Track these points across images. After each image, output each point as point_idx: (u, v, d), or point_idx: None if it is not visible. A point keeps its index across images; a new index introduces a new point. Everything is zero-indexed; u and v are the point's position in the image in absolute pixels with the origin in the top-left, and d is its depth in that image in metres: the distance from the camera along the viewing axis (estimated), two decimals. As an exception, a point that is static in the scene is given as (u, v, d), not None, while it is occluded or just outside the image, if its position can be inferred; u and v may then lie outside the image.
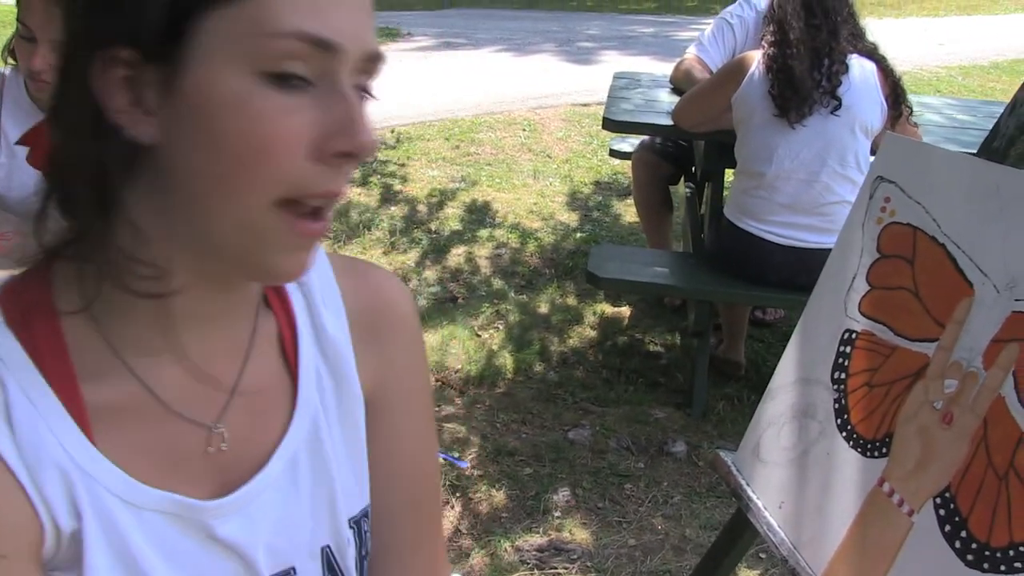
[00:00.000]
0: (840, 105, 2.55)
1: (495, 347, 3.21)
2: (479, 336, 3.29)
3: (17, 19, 1.74)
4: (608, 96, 3.30)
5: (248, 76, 0.57)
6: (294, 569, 0.72)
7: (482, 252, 3.92)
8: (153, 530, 0.65)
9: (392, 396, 0.79)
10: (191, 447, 0.68)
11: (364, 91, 0.64)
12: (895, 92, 2.63)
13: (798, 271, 2.62)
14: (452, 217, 4.22)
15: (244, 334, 0.71)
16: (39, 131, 0.66)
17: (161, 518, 0.65)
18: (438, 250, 3.90)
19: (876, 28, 2.85)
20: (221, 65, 0.57)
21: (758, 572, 2.26)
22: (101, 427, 0.63)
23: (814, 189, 2.60)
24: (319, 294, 0.76)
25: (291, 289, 0.75)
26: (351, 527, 0.76)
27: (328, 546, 0.74)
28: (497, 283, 3.66)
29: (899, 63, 2.81)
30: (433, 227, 4.11)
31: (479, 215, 4.28)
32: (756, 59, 2.63)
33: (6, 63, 1.88)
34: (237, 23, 0.57)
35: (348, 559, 0.76)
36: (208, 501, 0.67)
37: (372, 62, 0.62)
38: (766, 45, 2.62)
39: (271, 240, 0.61)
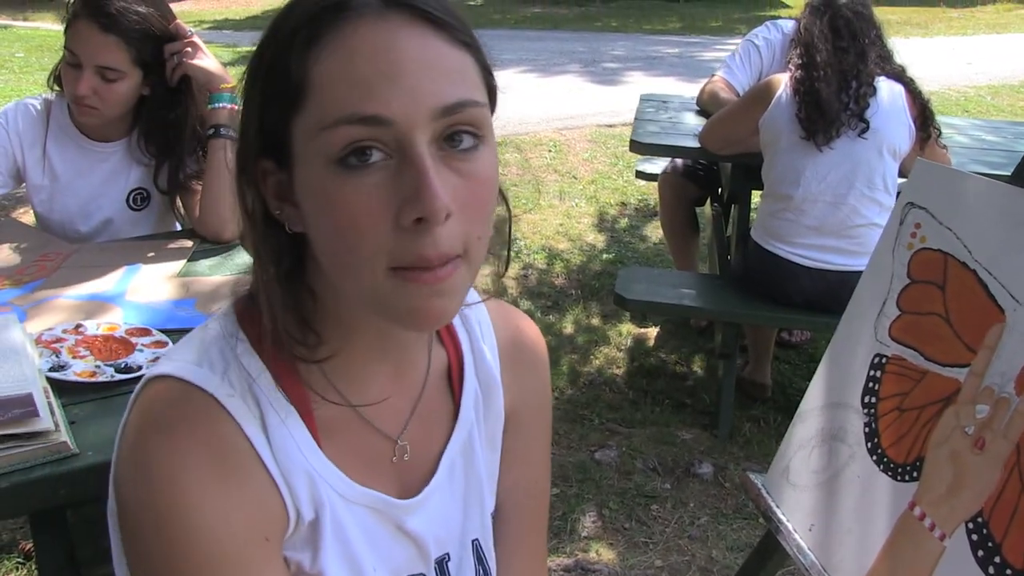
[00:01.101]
0: (868, 127, 2.55)
1: (521, 367, 3.22)
2: (506, 356, 3.30)
3: (64, 46, 1.79)
4: (635, 118, 3.32)
5: (324, 167, 0.66)
6: (449, 555, 0.87)
7: (509, 272, 3.93)
8: (360, 520, 0.79)
9: (524, 417, 0.94)
10: (383, 455, 0.82)
11: (463, 126, 0.66)
12: (923, 114, 2.62)
13: (825, 293, 2.63)
14: (479, 237, 4.25)
15: (421, 364, 0.86)
16: None
17: (365, 511, 0.79)
18: (465, 270, 3.93)
19: (903, 48, 2.84)
20: (307, 163, 0.67)
21: (786, 595, 2.25)
22: (325, 437, 0.77)
23: (841, 212, 2.60)
24: (479, 331, 0.91)
25: (458, 327, 0.90)
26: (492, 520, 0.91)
27: (477, 539, 0.89)
28: (524, 304, 3.68)
29: (926, 83, 2.80)
30: (460, 247, 4.14)
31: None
32: (783, 82, 2.64)
33: (52, 89, 1.93)
34: (307, 125, 0.66)
35: (491, 550, 0.91)
36: (400, 500, 0.82)
37: (450, 114, 0.66)
38: (793, 68, 2.63)
39: (396, 300, 0.69)
